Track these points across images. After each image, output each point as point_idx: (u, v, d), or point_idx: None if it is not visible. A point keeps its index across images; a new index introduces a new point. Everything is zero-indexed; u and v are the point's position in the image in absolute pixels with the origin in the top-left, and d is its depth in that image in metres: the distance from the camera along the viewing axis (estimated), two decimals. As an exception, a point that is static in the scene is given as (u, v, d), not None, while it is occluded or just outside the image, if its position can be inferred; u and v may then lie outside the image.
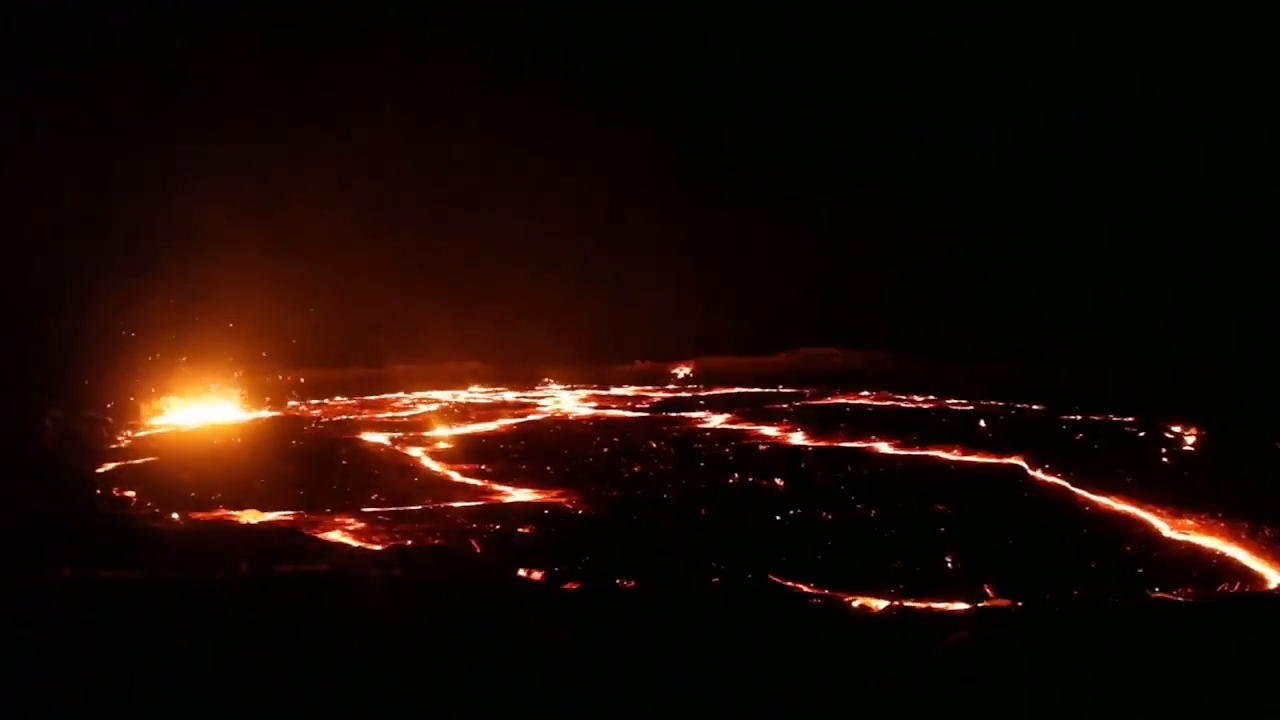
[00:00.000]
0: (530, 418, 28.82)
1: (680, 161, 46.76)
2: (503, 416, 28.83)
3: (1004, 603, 9.95)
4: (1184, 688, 6.50)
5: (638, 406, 31.96)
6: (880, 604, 9.84)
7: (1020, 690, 6.63)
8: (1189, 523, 13.22)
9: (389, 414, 29.97)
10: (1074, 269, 40.18)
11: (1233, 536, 12.36)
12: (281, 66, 41.31)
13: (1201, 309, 34.10)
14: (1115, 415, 25.30)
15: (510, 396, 35.99)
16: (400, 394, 35.67)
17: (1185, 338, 32.15)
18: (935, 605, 9.81)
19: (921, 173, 44.74)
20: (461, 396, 35.78)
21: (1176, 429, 22.46)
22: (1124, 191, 39.64)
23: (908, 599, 9.94)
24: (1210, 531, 12.74)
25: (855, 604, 9.76)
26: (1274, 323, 30.60)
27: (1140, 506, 14.30)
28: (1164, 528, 13.23)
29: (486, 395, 36.59)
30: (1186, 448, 20.73)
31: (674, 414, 29.21)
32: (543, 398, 35.43)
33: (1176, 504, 14.03)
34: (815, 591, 10.17)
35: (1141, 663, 7.07)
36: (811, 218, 46.54)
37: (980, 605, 9.80)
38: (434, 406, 32.12)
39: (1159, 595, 10.27)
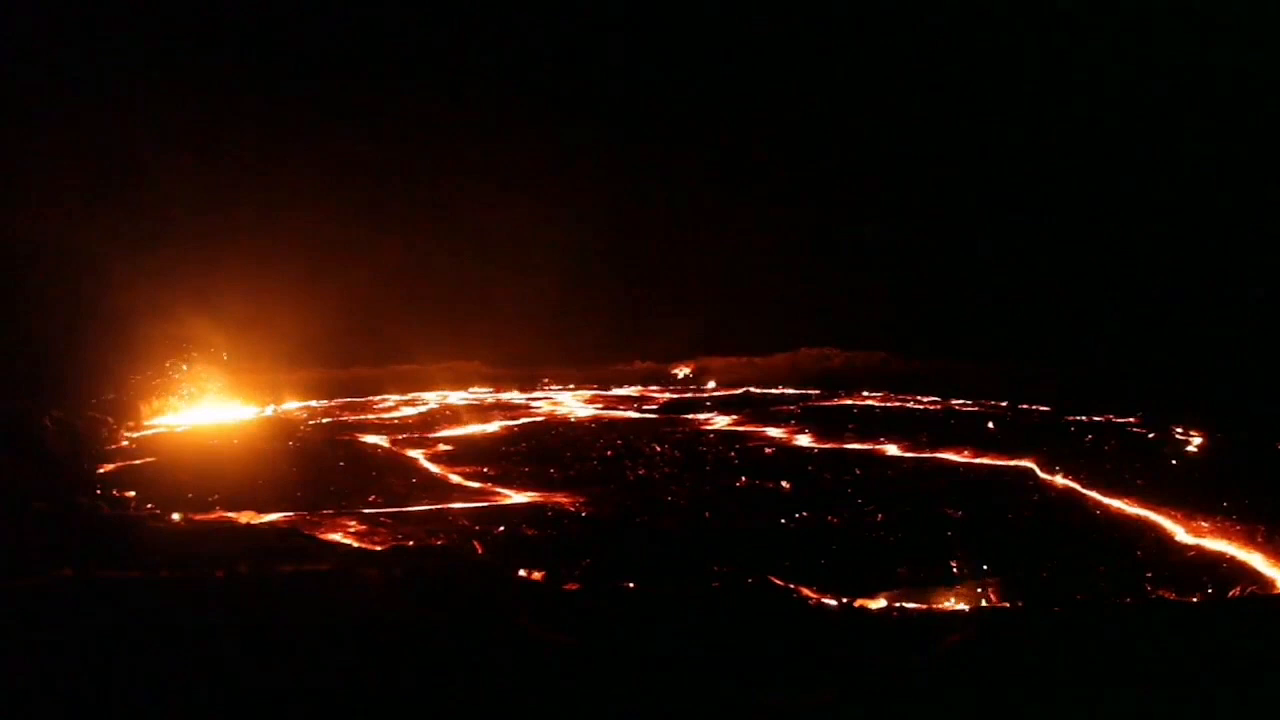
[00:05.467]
0: (531, 419, 28.70)
1: (680, 163, 46.82)
2: (503, 418, 28.70)
3: (1004, 606, 9.91)
4: (1189, 691, 6.43)
5: (643, 408, 31.84)
6: (881, 606, 9.79)
7: (1017, 692, 6.57)
8: (1203, 526, 13.08)
9: (384, 416, 29.80)
10: (1075, 269, 40.15)
11: (1248, 541, 12.23)
12: (284, 69, 41.35)
13: (1206, 310, 34.03)
14: (1120, 416, 25.23)
15: (507, 397, 35.87)
16: (388, 396, 35.28)
17: (1190, 338, 32.05)
18: (936, 608, 9.76)
19: (923, 173, 44.77)
20: (454, 398, 35.57)
21: (1186, 431, 22.35)
22: (1127, 192, 39.62)
23: (909, 602, 9.89)
24: (1225, 536, 12.60)
25: (855, 606, 9.71)
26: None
27: (1153, 510, 14.17)
28: (1178, 531, 13.10)
29: (483, 396, 36.41)
30: (1198, 450, 20.61)
31: (679, 415, 29.08)
32: (543, 399, 35.32)
33: (1190, 507, 13.90)
34: (815, 594, 10.11)
35: (1143, 666, 7.00)
36: (812, 218, 46.56)
37: (980, 608, 9.75)
38: (423, 408, 31.82)
39: (1160, 597, 10.20)
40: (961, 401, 30.88)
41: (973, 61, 42.04)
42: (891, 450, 20.81)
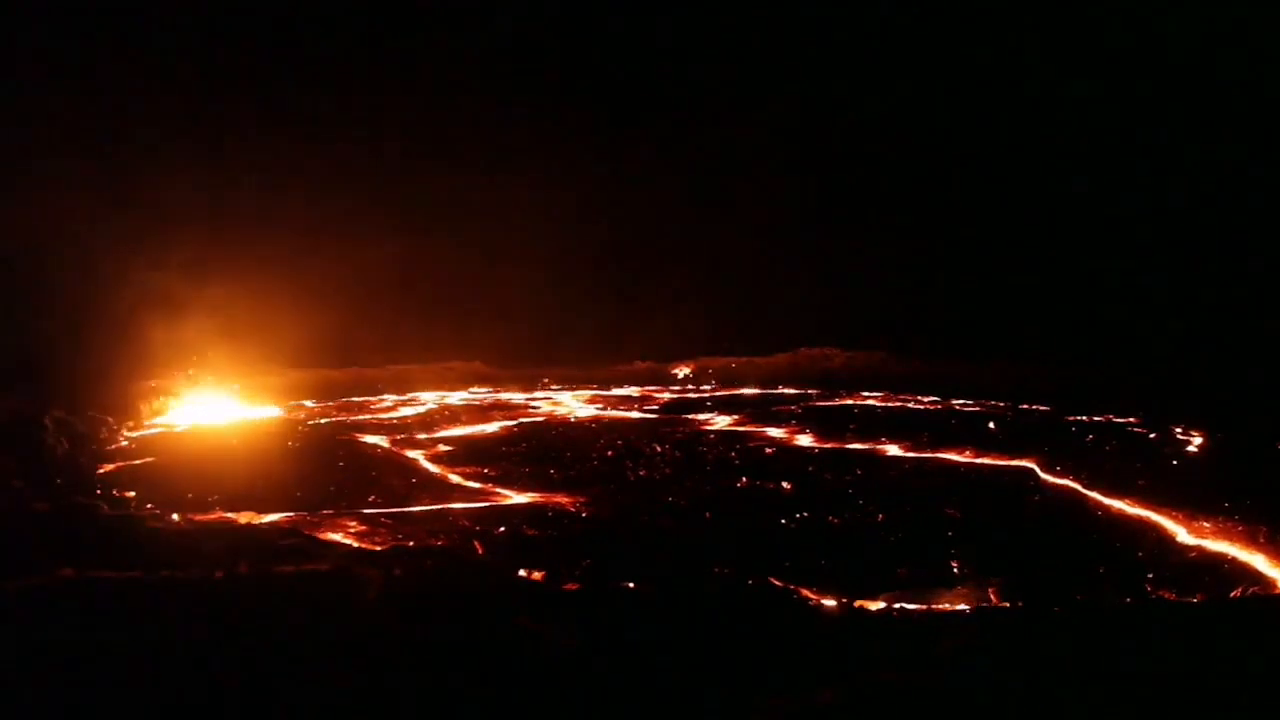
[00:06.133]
0: (531, 419, 28.65)
1: (681, 163, 46.83)
2: (502, 418, 28.64)
3: (1004, 606, 9.90)
4: (1190, 692, 6.41)
5: (644, 408, 31.79)
6: (880, 606, 9.78)
7: (1017, 692, 6.56)
8: (1205, 526, 13.07)
9: (383, 416, 29.71)
10: (1075, 270, 40.12)
11: (1250, 541, 12.20)
12: (284, 69, 41.36)
13: (1206, 310, 34.00)
14: (1121, 416, 25.22)
15: (507, 397, 35.80)
16: (387, 396, 35.11)
17: (1190, 338, 32.03)
18: (935, 608, 9.76)
19: (924, 173, 44.79)
20: (453, 398, 35.48)
21: (1187, 431, 22.34)
22: (1128, 193, 39.62)
23: (909, 602, 9.88)
24: (1226, 536, 12.58)
25: (855, 606, 9.70)
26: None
27: (1155, 510, 14.15)
28: (1179, 532, 13.07)
29: (483, 396, 36.30)
30: (1199, 450, 20.56)
31: (680, 415, 29.03)
32: (543, 399, 35.26)
33: (1191, 508, 13.88)
34: (815, 594, 10.11)
35: (1144, 666, 6.98)
36: (811, 218, 46.55)
37: (980, 608, 9.74)
38: (423, 409, 31.68)
39: (1161, 597, 10.19)
40: (962, 401, 30.87)
41: (973, 60, 42.05)
42: (892, 450, 20.79)
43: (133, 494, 15.51)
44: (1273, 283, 32.80)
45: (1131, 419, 24.73)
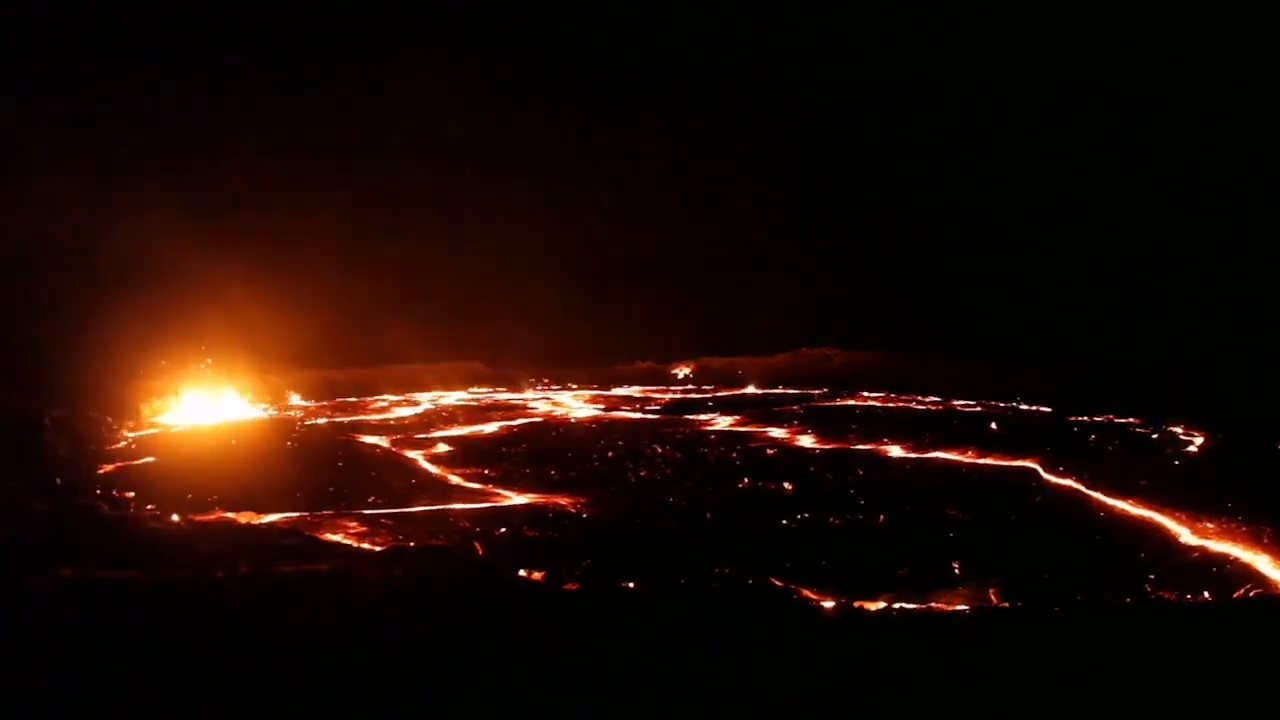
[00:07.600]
0: (531, 419, 28.63)
1: (680, 161, 46.81)
2: (502, 418, 28.62)
3: (1004, 606, 9.89)
4: (1193, 692, 6.40)
5: (645, 408, 31.77)
6: (881, 607, 9.76)
7: (1017, 692, 6.55)
8: (1208, 527, 13.01)
9: (382, 416, 29.67)
10: (1076, 269, 40.10)
11: (1254, 542, 12.13)
12: (284, 69, 41.38)
13: (1206, 310, 33.97)
14: (1121, 416, 25.22)
15: (506, 397, 35.77)
16: (386, 396, 35.01)
17: (1190, 339, 32.00)
18: (935, 608, 9.74)
19: (923, 172, 44.77)
20: (452, 398, 35.42)
21: (1189, 431, 22.33)
22: (1128, 192, 39.59)
23: (909, 602, 9.86)
24: (1230, 537, 12.52)
25: (855, 607, 9.68)
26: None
27: (1157, 510, 14.09)
28: (1182, 532, 13.01)
29: (481, 396, 36.25)
30: (1201, 451, 20.51)
31: (681, 415, 29.00)
32: (542, 399, 35.24)
33: (1194, 508, 13.83)
34: (816, 595, 10.09)
35: (1146, 667, 6.97)
36: (811, 217, 46.57)
37: (980, 608, 9.72)
38: (421, 409, 31.62)
39: (1163, 598, 10.17)
40: (963, 402, 30.85)
41: (973, 58, 42.05)
42: (894, 451, 20.77)
43: (133, 494, 15.50)
44: (1273, 283, 32.77)
45: (1133, 419, 24.72)
